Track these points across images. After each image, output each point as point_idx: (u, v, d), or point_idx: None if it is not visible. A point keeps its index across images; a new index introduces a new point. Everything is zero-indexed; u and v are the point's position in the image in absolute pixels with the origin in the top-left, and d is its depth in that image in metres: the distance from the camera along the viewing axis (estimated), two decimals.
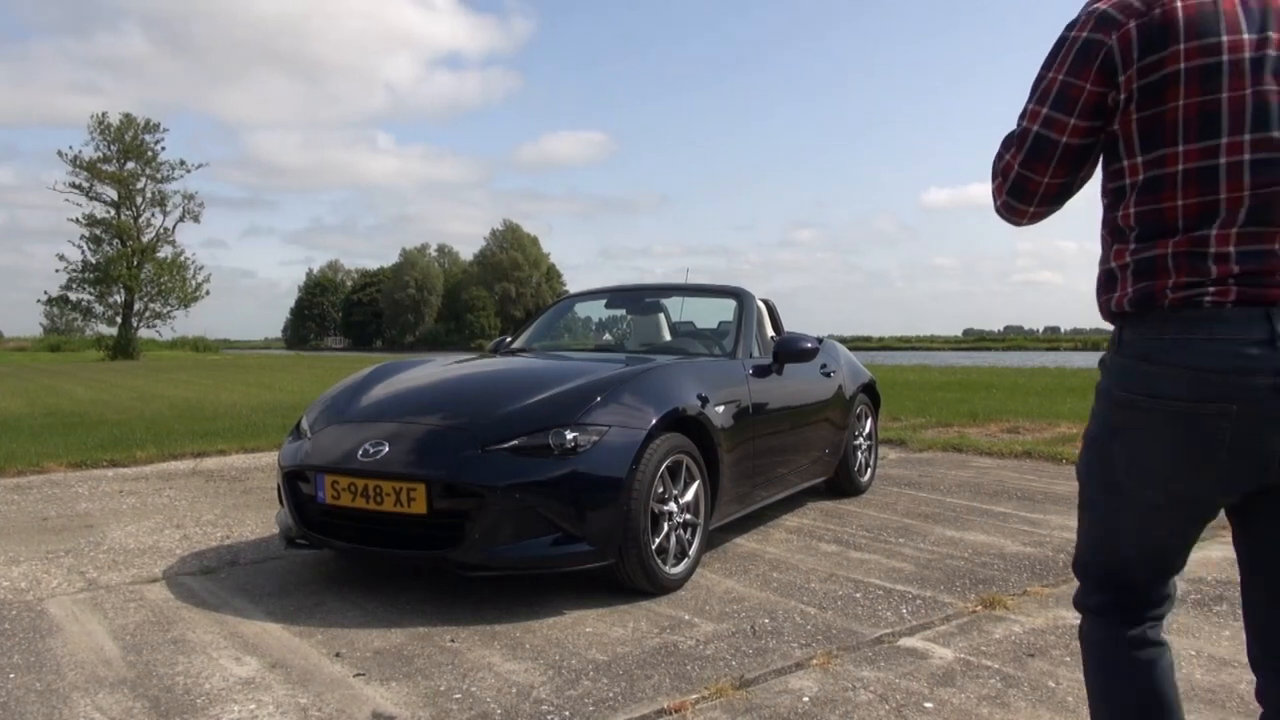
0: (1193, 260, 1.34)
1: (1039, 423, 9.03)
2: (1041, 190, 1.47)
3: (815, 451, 4.91)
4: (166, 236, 44.88)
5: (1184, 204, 1.34)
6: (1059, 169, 1.44)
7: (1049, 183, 1.46)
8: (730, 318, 4.85)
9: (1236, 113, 1.31)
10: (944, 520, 4.77)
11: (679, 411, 3.57)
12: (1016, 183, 1.48)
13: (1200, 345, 1.33)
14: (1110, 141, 1.42)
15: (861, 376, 5.65)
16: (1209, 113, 1.32)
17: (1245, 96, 1.31)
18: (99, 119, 43.10)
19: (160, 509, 5.17)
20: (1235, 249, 1.32)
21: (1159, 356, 1.36)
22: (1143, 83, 1.35)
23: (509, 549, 3.18)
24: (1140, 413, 1.39)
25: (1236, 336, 1.30)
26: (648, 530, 3.33)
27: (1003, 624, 3.09)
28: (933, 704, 2.43)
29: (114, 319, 44.57)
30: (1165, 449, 1.38)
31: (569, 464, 3.23)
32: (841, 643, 2.91)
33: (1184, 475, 1.38)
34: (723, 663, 2.74)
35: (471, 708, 2.44)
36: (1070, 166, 1.44)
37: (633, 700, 2.47)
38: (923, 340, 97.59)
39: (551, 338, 5.50)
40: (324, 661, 2.78)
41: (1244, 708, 2.41)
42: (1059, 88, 1.40)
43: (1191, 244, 1.34)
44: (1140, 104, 1.36)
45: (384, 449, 3.36)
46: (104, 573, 3.81)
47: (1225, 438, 1.32)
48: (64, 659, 2.81)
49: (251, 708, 2.44)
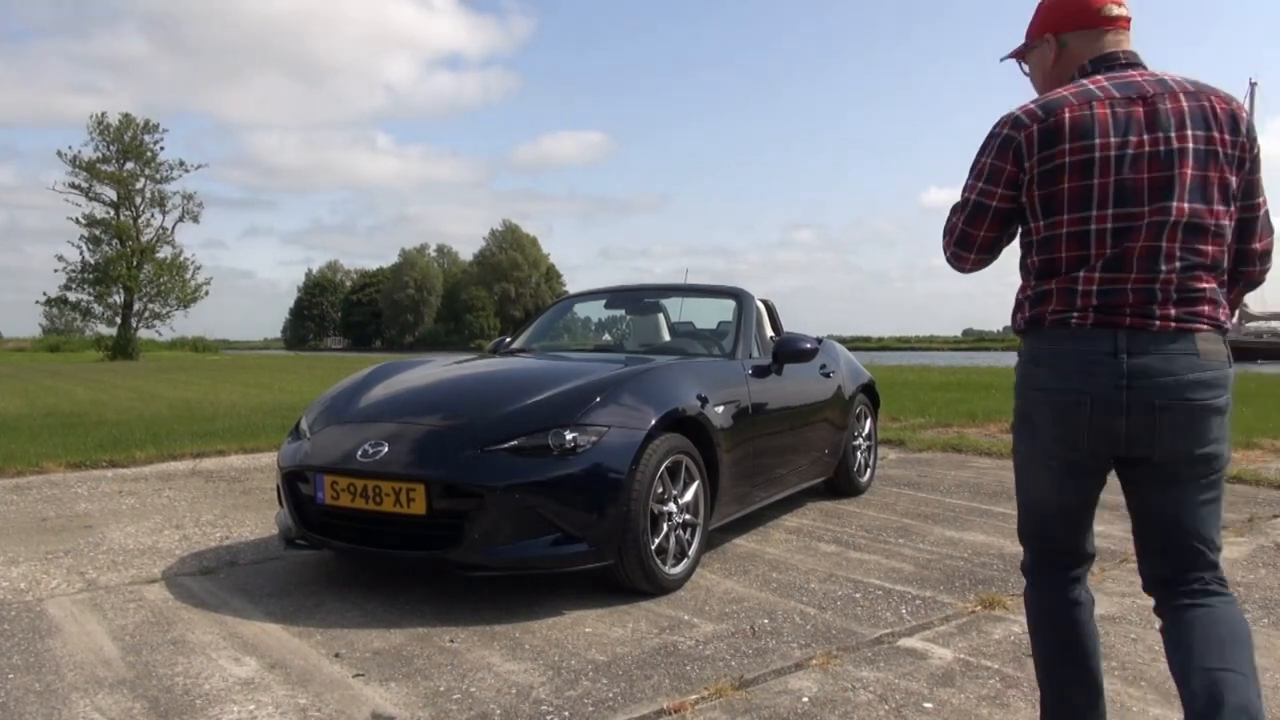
0: (1067, 294, 1.83)
1: None
2: (979, 242, 1.97)
3: (815, 452, 4.91)
4: (166, 237, 44.91)
5: (1066, 255, 1.84)
6: (991, 226, 1.94)
7: (984, 236, 1.96)
8: (730, 318, 4.85)
9: (1103, 194, 1.80)
10: (943, 520, 4.77)
11: (678, 412, 3.57)
12: (960, 237, 1.98)
13: (1066, 352, 1.83)
14: (1023, 210, 1.91)
15: (861, 377, 5.65)
16: (1085, 193, 1.81)
17: (1110, 183, 1.80)
18: (98, 119, 43.13)
19: (159, 509, 5.17)
20: (1096, 288, 1.80)
21: (1043, 360, 1.87)
22: (1041, 169, 1.84)
23: (508, 549, 3.18)
24: (1036, 401, 1.89)
25: (1090, 349, 1.79)
26: (647, 530, 3.33)
27: (1002, 624, 3.09)
28: (932, 704, 2.43)
29: (113, 319, 44.57)
30: (1052, 427, 1.86)
31: (568, 464, 3.23)
32: (841, 643, 2.91)
33: (1067, 445, 1.85)
34: (722, 663, 2.74)
35: (471, 708, 2.44)
36: (999, 225, 1.94)
37: (632, 701, 2.47)
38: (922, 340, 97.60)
39: (551, 338, 5.50)
40: (323, 662, 2.78)
41: None
42: (989, 169, 1.91)
43: (1068, 283, 1.83)
44: (1039, 184, 1.85)
45: (383, 449, 3.36)
46: (103, 573, 3.81)
47: (1085, 418, 1.81)
48: (63, 659, 2.81)
49: (251, 708, 2.44)
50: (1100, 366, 1.79)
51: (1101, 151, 1.80)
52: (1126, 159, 1.80)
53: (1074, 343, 1.82)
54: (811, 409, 4.87)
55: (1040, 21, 2.03)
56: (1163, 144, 1.79)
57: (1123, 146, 1.80)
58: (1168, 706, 2.42)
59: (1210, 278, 1.81)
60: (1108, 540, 4.30)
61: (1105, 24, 1.94)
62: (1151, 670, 2.67)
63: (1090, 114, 1.82)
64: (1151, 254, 1.78)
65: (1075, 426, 1.83)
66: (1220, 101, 1.84)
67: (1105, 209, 1.81)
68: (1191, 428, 1.78)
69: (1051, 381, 1.85)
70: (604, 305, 5.81)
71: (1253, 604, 3.32)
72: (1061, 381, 1.83)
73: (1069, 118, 1.82)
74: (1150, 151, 1.79)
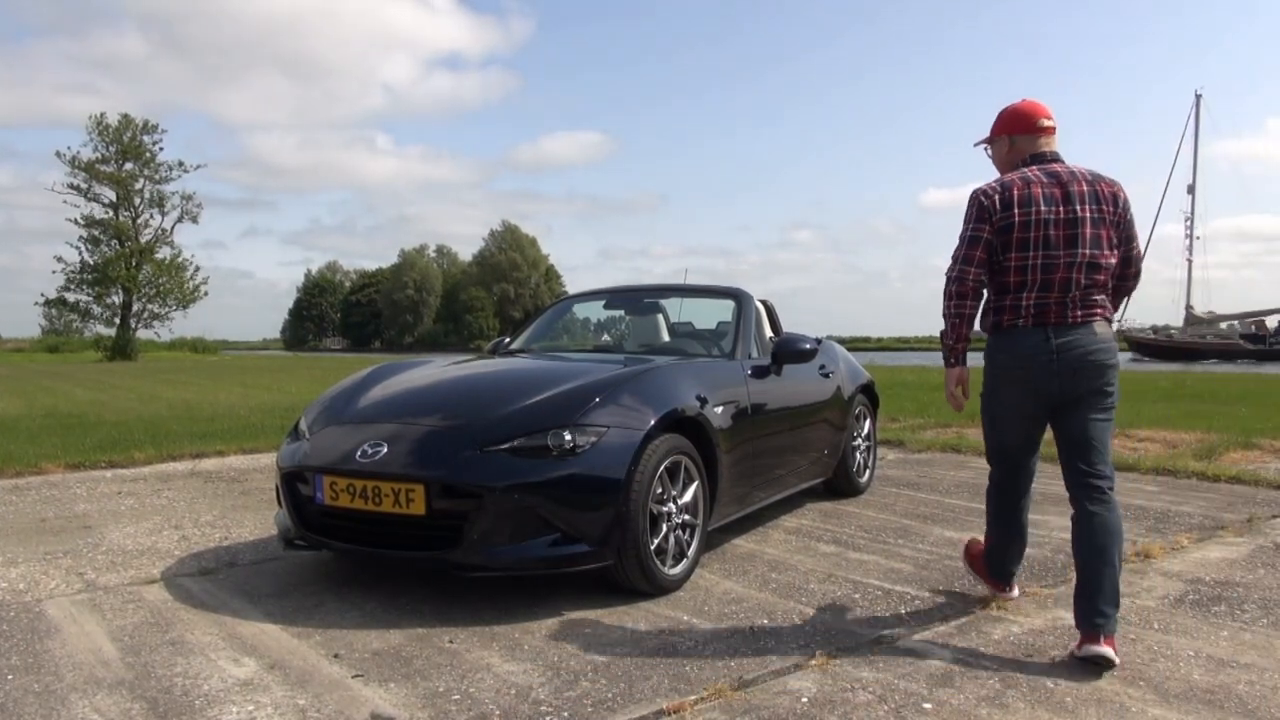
0: (1015, 306, 2.94)
1: None
2: (975, 261, 2.97)
3: (814, 452, 4.92)
4: (165, 237, 44.89)
5: (1014, 280, 2.93)
6: (983, 250, 2.96)
7: (979, 256, 2.97)
8: (729, 318, 4.85)
9: (1035, 243, 2.88)
10: (943, 521, 4.77)
11: (678, 412, 3.57)
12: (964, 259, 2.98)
13: (1017, 343, 2.93)
14: (993, 251, 2.96)
15: (860, 377, 5.65)
16: (1024, 242, 2.89)
17: (1040, 237, 2.88)
18: (97, 119, 43.10)
19: (159, 510, 5.17)
20: (1032, 303, 2.90)
21: (1004, 349, 2.99)
22: (1000, 225, 2.93)
23: (508, 550, 3.18)
24: (1000, 377, 3.02)
25: (1030, 339, 2.90)
26: (646, 531, 3.33)
27: (1001, 625, 3.09)
28: (931, 705, 2.43)
29: (112, 320, 44.54)
30: (1010, 391, 3.00)
31: (568, 465, 3.23)
32: (840, 643, 2.91)
33: (1020, 402, 2.99)
34: (721, 664, 2.74)
35: (470, 709, 2.43)
36: (987, 250, 2.97)
37: (631, 701, 2.47)
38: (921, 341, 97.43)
39: (550, 338, 5.49)
40: (322, 662, 2.78)
41: (1243, 708, 2.41)
42: (974, 227, 2.97)
43: (1015, 300, 2.93)
44: (999, 235, 2.93)
45: (383, 450, 3.36)
46: (102, 574, 3.81)
47: (1030, 384, 2.92)
48: (62, 660, 2.81)
49: (250, 709, 2.44)
50: (1038, 349, 2.90)
51: (1036, 216, 2.88)
52: (1050, 221, 2.88)
53: (1021, 336, 2.93)
54: (811, 409, 4.87)
55: (1000, 125, 3.13)
56: (1073, 213, 2.89)
57: (1048, 214, 2.89)
58: (1167, 707, 2.42)
59: (1100, 292, 2.93)
60: None
61: (1040, 132, 3.03)
62: (1151, 670, 2.67)
63: (1029, 192, 2.91)
64: (1065, 281, 2.88)
65: (1024, 392, 2.96)
66: (1106, 186, 2.94)
67: (1037, 253, 2.89)
68: (1094, 375, 2.89)
69: (1009, 363, 2.97)
70: (603, 306, 5.80)
71: (1252, 604, 3.32)
72: (1015, 362, 2.95)
73: (1016, 193, 2.92)
74: (1065, 218, 2.88)
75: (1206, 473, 6.08)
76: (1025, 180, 2.91)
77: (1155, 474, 6.21)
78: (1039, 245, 2.87)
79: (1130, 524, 4.66)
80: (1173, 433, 8.21)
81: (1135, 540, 4.29)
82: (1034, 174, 2.93)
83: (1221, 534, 4.45)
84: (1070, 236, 2.86)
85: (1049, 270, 2.87)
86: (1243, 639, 2.96)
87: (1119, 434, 8.16)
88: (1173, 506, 5.10)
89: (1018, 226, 2.88)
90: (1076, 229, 2.86)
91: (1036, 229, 2.86)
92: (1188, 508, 5.06)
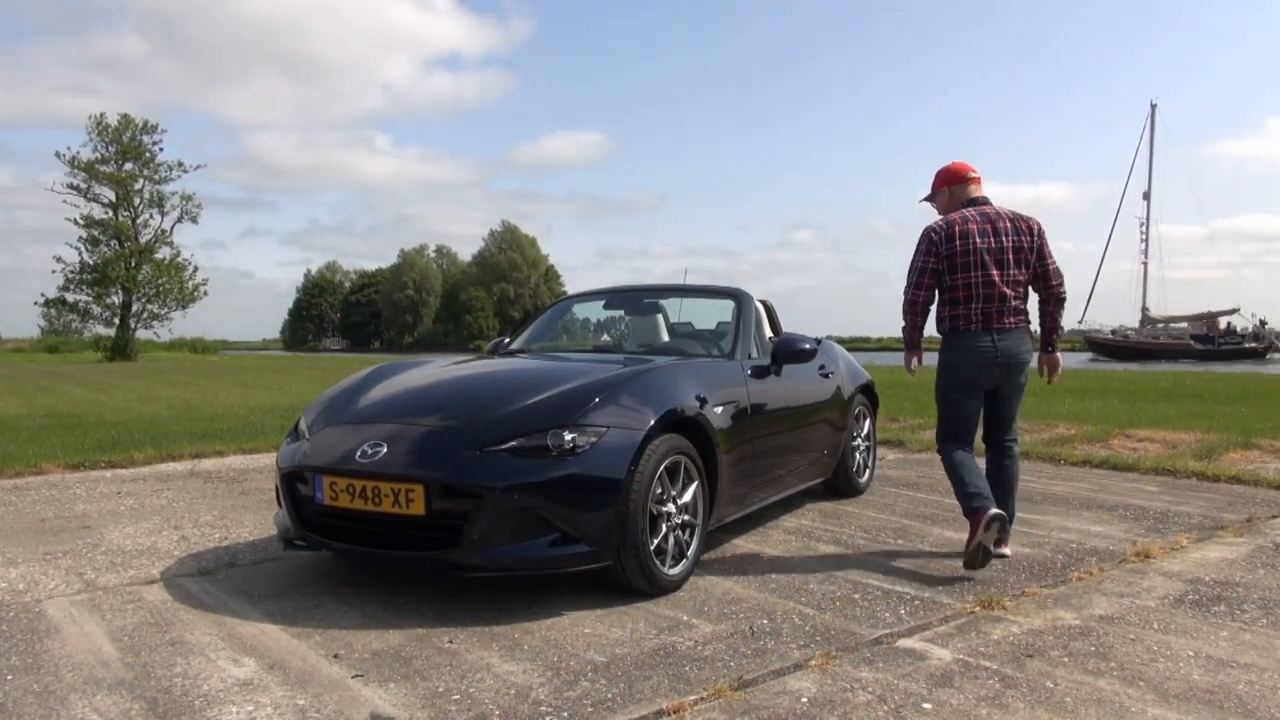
0: (967, 315, 3.85)
1: (1037, 424, 9.04)
2: (923, 298, 3.93)
3: (814, 452, 4.91)
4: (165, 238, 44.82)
5: (962, 295, 3.84)
6: (931, 278, 3.90)
7: (928, 283, 3.91)
8: (729, 318, 4.85)
9: (974, 267, 3.81)
10: (942, 521, 4.77)
11: (677, 412, 3.57)
12: (914, 285, 3.93)
13: (967, 343, 3.86)
14: (941, 274, 3.87)
15: (860, 377, 5.65)
16: (966, 266, 3.82)
17: (977, 261, 3.81)
18: (97, 120, 43.06)
19: (158, 510, 5.17)
20: (979, 312, 3.83)
21: (959, 347, 3.89)
22: (946, 253, 3.85)
23: (507, 550, 3.18)
24: (952, 366, 3.92)
25: (978, 341, 3.84)
26: (646, 531, 3.33)
27: (1001, 625, 3.09)
28: (931, 705, 2.43)
29: (112, 320, 44.49)
30: (962, 378, 3.90)
31: (567, 465, 3.23)
32: (840, 643, 2.91)
33: (969, 386, 3.90)
34: (721, 664, 2.74)
35: (470, 709, 2.43)
36: (935, 278, 3.90)
37: (631, 701, 2.47)
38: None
39: (550, 339, 5.49)
40: (322, 663, 2.78)
41: (1242, 708, 2.41)
42: (924, 259, 3.89)
43: (965, 310, 3.85)
44: (946, 261, 3.85)
45: (382, 450, 3.36)
46: (102, 574, 3.81)
47: (977, 373, 3.86)
48: (62, 660, 2.81)
49: (250, 709, 2.44)
50: (985, 347, 3.85)
51: (973, 246, 3.83)
52: (984, 249, 3.83)
53: (971, 338, 3.86)
54: (810, 409, 4.87)
55: (940, 181, 4.11)
56: (1000, 243, 3.85)
57: (982, 244, 3.84)
58: (1167, 707, 2.42)
59: (1023, 305, 3.90)
60: (1107, 540, 4.31)
61: (970, 182, 4.04)
62: (1151, 670, 2.67)
63: (967, 228, 3.86)
64: (1001, 295, 3.83)
65: (973, 376, 3.89)
66: (1024, 221, 3.89)
67: (977, 273, 3.83)
68: (1019, 369, 3.91)
69: (961, 356, 3.90)
70: (603, 306, 5.80)
71: (1252, 604, 3.32)
72: (966, 356, 3.88)
73: (957, 229, 3.86)
74: (994, 247, 3.84)
75: (1206, 473, 6.08)
76: (964, 219, 3.88)
77: (1155, 474, 6.21)
78: (977, 268, 3.81)
79: (1130, 524, 4.66)
80: (1172, 433, 8.21)
81: (1135, 540, 4.29)
82: (970, 214, 3.90)
83: (1221, 534, 4.45)
84: (999, 261, 3.82)
85: (987, 286, 3.81)
86: (1242, 639, 2.96)
87: (1119, 434, 8.17)
88: (1172, 506, 5.10)
89: (959, 254, 3.82)
90: (1003, 255, 3.83)
91: (975, 255, 3.81)
92: (1187, 508, 5.06)
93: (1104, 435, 8.10)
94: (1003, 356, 3.80)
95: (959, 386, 3.90)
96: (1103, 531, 4.51)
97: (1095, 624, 3.10)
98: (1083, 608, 3.28)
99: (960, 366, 3.87)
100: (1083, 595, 3.43)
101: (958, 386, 3.91)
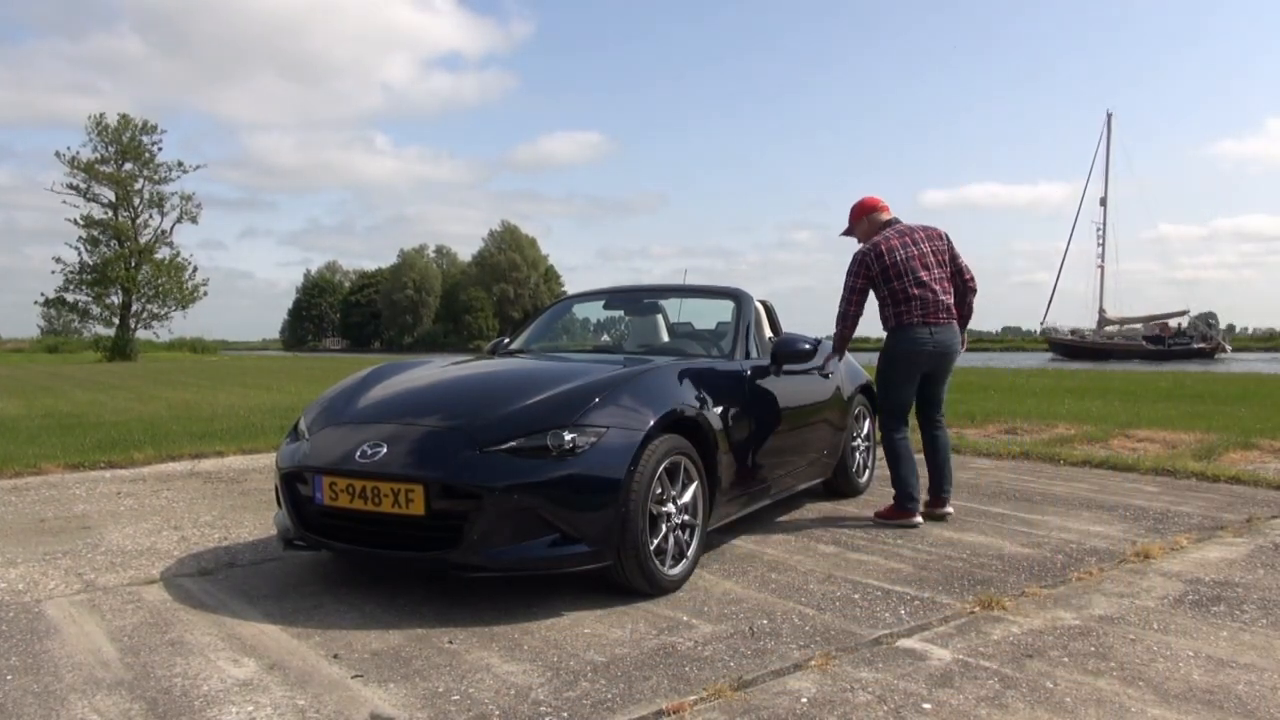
0: (909, 311, 4.60)
1: (1037, 424, 9.04)
2: (854, 310, 4.72)
3: (813, 452, 4.91)
4: (164, 238, 44.91)
5: (902, 296, 4.61)
6: (859, 303, 4.70)
7: (857, 307, 4.71)
8: (728, 319, 4.85)
9: (905, 274, 4.60)
10: (942, 521, 4.77)
11: (677, 412, 3.57)
12: (846, 302, 4.71)
13: (910, 336, 4.61)
14: (876, 283, 4.66)
15: (859, 377, 5.65)
16: (900, 273, 4.60)
17: (906, 267, 4.60)
18: (96, 120, 43.12)
19: (158, 510, 5.17)
20: (918, 307, 4.59)
21: (903, 339, 4.63)
22: (879, 268, 4.63)
23: (507, 550, 3.18)
24: (897, 355, 4.66)
25: (918, 334, 4.59)
26: (646, 531, 3.33)
27: (1001, 625, 3.09)
28: (931, 705, 2.43)
29: (111, 320, 44.54)
30: (905, 365, 4.67)
31: (567, 465, 3.23)
32: (840, 644, 2.91)
33: (910, 372, 4.68)
34: (721, 664, 2.74)
35: (470, 709, 2.43)
36: (864, 295, 4.70)
37: (631, 702, 2.47)
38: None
39: (550, 339, 5.49)
40: (322, 663, 2.78)
41: (1242, 708, 2.41)
42: (854, 279, 4.68)
43: (909, 307, 4.60)
44: (882, 274, 4.62)
45: (382, 450, 3.36)
46: (101, 574, 3.81)
47: (918, 361, 4.64)
48: (61, 661, 2.81)
49: (249, 709, 2.44)
50: (923, 339, 4.56)
51: (899, 257, 4.58)
52: (909, 258, 4.58)
53: (913, 331, 4.56)
54: (810, 409, 4.87)
55: (857, 214, 4.88)
56: (921, 249, 4.61)
57: (904, 254, 4.59)
58: (1167, 707, 2.42)
59: (950, 301, 4.63)
60: (1107, 541, 4.31)
61: (883, 210, 4.83)
62: (1151, 670, 2.67)
63: (890, 244, 4.60)
64: (934, 294, 4.57)
65: (914, 364, 4.61)
66: (933, 230, 4.71)
67: (909, 278, 4.56)
68: (951, 359, 4.66)
69: (907, 347, 4.58)
70: (603, 306, 5.80)
71: (1252, 604, 3.32)
72: (909, 345, 4.57)
73: (884, 247, 4.60)
74: (917, 253, 4.59)
75: (1206, 473, 6.08)
76: (885, 238, 4.63)
77: (1155, 474, 6.21)
78: (908, 272, 4.56)
79: (1130, 524, 4.66)
80: (1172, 433, 8.21)
81: (1135, 540, 4.29)
82: (889, 233, 4.66)
83: (1221, 534, 4.45)
84: (924, 263, 4.59)
85: (920, 285, 4.55)
86: (1242, 639, 2.96)
87: (1119, 434, 8.17)
88: (1172, 507, 5.10)
89: (890, 266, 4.57)
90: (926, 259, 4.60)
91: (904, 263, 4.57)
92: (1187, 508, 5.06)
93: (1104, 435, 8.10)
94: (938, 347, 4.57)
95: (900, 372, 4.64)
96: (1102, 532, 4.51)
97: (1095, 624, 3.10)
98: (1082, 608, 3.28)
99: (903, 355, 4.59)
100: (1082, 595, 3.43)
101: (899, 372, 4.64)
